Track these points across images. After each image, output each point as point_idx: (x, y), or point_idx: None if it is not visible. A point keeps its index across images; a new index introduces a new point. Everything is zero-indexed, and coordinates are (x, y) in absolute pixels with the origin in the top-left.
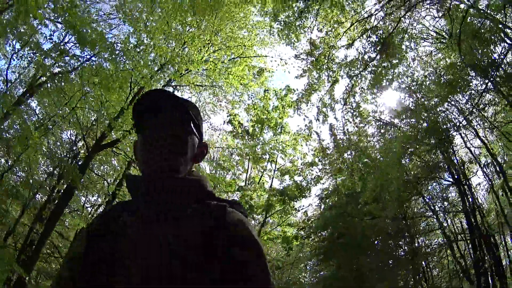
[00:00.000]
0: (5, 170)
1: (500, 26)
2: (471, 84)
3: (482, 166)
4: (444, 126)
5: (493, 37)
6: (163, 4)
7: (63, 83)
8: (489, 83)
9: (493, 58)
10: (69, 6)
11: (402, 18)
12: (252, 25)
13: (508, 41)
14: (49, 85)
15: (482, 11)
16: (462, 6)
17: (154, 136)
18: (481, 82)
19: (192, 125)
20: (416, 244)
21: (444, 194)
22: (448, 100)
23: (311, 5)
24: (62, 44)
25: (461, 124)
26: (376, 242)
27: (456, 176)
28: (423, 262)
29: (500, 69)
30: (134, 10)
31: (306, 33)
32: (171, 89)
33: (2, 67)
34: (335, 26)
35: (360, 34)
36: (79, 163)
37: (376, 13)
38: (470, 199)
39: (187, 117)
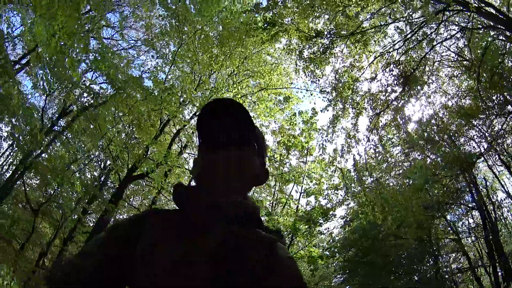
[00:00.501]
0: (43, 201)
1: None
2: (492, 110)
3: (505, 187)
4: (467, 151)
5: None
6: (190, 38)
7: (95, 117)
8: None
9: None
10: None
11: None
12: (278, 51)
13: None
14: (82, 117)
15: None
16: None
17: (214, 156)
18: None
19: (255, 144)
20: (440, 265)
21: (466, 218)
22: (471, 125)
23: (335, 41)
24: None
25: (483, 152)
26: (401, 261)
27: (477, 200)
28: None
29: None
30: (161, 41)
31: (331, 64)
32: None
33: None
34: (358, 60)
35: (383, 68)
36: (107, 184)
37: (399, 48)
38: (493, 220)
39: (247, 134)
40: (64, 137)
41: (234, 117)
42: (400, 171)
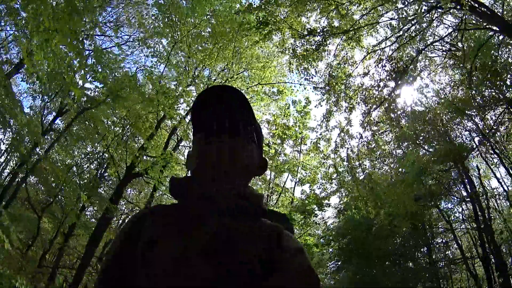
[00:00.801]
0: (46, 205)
1: None
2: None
3: (497, 178)
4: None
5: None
6: (184, 36)
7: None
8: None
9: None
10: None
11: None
12: (271, 47)
13: None
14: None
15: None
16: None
17: (206, 146)
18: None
19: (254, 134)
20: (434, 255)
21: (459, 206)
22: (464, 118)
23: (328, 38)
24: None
25: (477, 145)
26: (395, 248)
27: (469, 192)
28: (441, 273)
29: None
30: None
31: (325, 58)
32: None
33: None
34: (351, 56)
35: (376, 63)
36: (104, 177)
37: (391, 44)
38: (484, 210)
39: (240, 123)
40: (63, 139)
41: (226, 104)
42: (393, 164)
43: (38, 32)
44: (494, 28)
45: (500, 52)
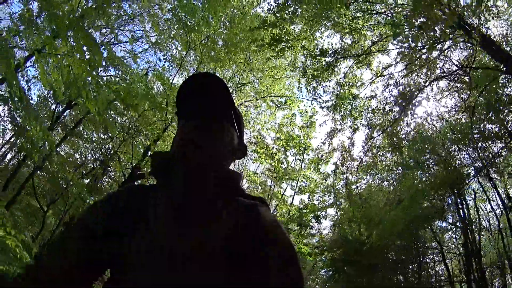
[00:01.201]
0: (54, 200)
1: None
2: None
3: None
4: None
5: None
6: (197, 45)
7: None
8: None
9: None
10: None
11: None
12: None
13: None
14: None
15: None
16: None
17: (195, 127)
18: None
19: (234, 119)
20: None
21: (450, 229)
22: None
23: (339, 60)
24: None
25: (475, 173)
26: (387, 261)
27: (462, 219)
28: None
29: None
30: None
31: (334, 75)
32: None
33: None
34: (359, 78)
35: (383, 87)
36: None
37: (400, 71)
38: (477, 237)
39: (224, 107)
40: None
41: (208, 90)
42: (392, 180)
43: (56, 55)
44: (501, 67)
45: (506, 90)
